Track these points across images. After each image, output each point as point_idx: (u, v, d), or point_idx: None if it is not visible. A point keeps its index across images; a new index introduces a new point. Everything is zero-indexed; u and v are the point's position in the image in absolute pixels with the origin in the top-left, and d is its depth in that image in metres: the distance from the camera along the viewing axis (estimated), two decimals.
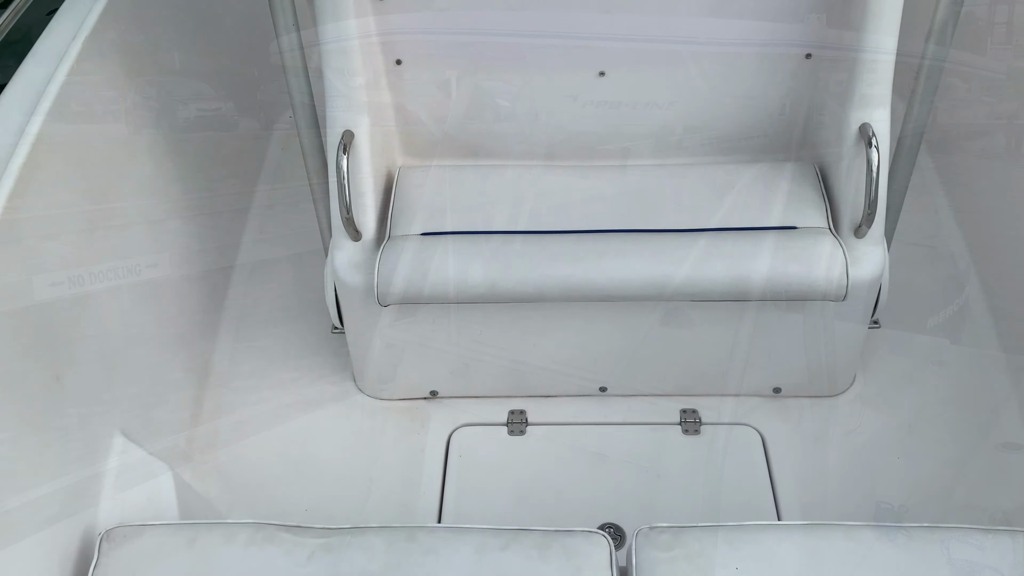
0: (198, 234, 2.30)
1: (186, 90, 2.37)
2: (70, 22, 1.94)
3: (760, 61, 1.95)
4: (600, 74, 1.98)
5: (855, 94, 1.82)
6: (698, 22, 1.89)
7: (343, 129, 1.84)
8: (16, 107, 1.72)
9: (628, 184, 2.01)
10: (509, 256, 1.82)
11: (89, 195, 1.84)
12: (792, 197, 1.94)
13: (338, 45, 1.80)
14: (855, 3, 1.78)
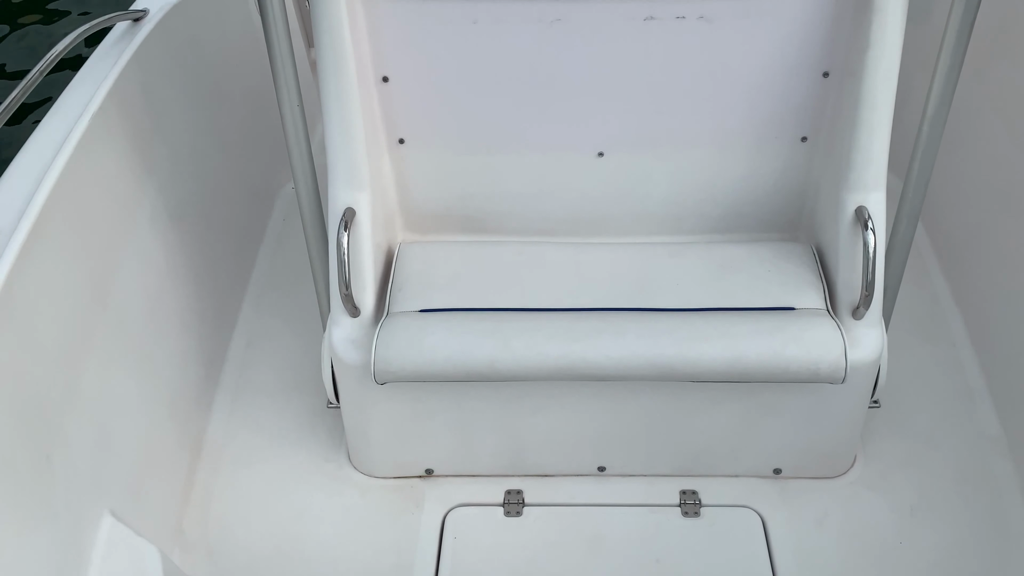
0: (197, 305, 2.30)
1: (191, 163, 2.40)
2: (78, 98, 1.97)
3: (757, 143, 1.99)
4: (599, 155, 2.01)
5: (850, 177, 1.85)
6: (695, 107, 1.93)
7: (344, 207, 1.86)
8: (20, 183, 1.74)
9: (627, 262, 2.02)
10: (507, 334, 1.82)
11: (89, 269, 1.84)
12: (790, 277, 1.95)
13: (341, 123, 1.84)
14: (849, 89, 1.82)
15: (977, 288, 2.44)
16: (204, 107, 2.49)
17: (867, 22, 1.73)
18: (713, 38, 1.82)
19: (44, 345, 1.65)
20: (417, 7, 1.80)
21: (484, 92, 1.92)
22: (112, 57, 2.11)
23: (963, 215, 2.56)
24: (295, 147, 1.78)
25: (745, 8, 1.78)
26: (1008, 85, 2.37)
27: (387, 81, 1.91)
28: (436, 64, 1.88)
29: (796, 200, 2.08)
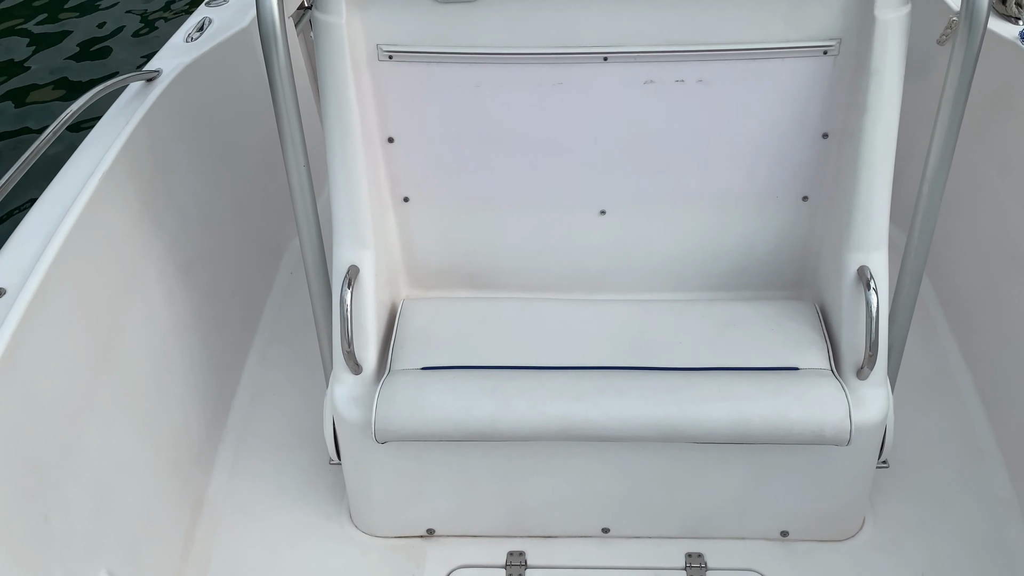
0: (202, 360, 2.31)
1: (199, 218, 2.43)
2: (89, 158, 2.01)
3: (758, 202, 1.99)
4: (601, 212, 2.02)
5: (851, 236, 1.85)
6: (695, 166, 1.94)
7: (348, 264, 1.87)
8: (29, 243, 1.77)
9: (630, 319, 2.02)
10: (509, 393, 1.81)
11: (94, 327, 1.86)
12: (793, 336, 1.94)
13: (347, 183, 1.86)
14: (848, 150, 1.84)
15: (985, 345, 2.42)
16: (214, 164, 2.53)
17: (864, 85, 1.75)
18: (712, 100, 1.85)
19: (46, 405, 1.66)
20: (422, 70, 1.83)
21: (487, 152, 1.94)
22: (124, 117, 2.16)
23: (970, 271, 2.55)
24: (301, 207, 1.80)
25: (743, 72, 1.80)
26: (1010, 143, 2.38)
27: (392, 141, 1.94)
28: (440, 125, 1.91)
29: (799, 258, 2.08)
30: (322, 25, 1.76)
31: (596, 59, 1.81)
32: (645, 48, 1.79)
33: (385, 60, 1.82)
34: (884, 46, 1.71)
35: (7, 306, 1.62)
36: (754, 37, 1.76)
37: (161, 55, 2.52)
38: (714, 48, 1.78)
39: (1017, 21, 2.47)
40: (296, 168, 1.76)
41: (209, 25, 2.70)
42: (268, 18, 1.60)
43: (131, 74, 2.28)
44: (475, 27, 1.77)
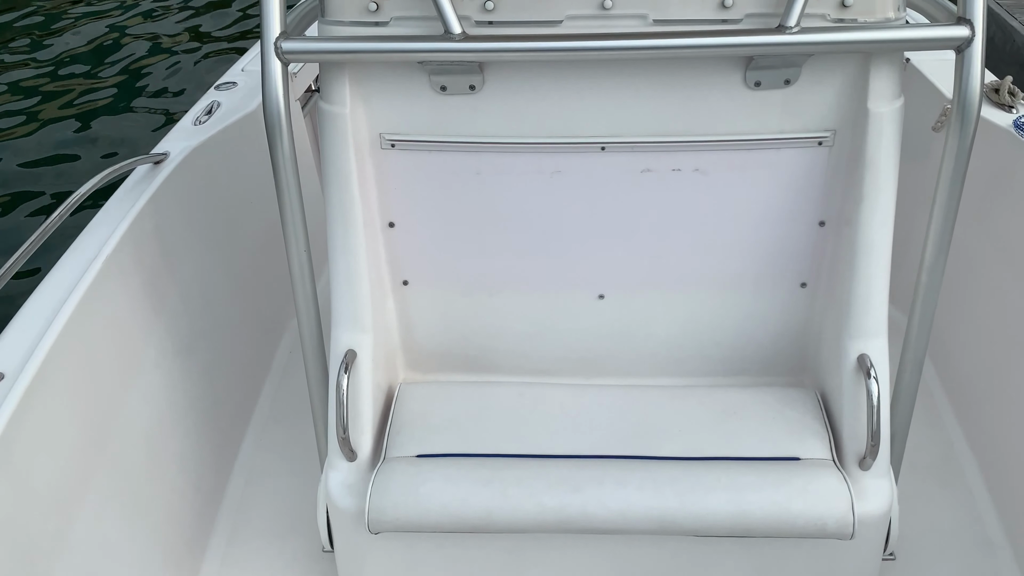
0: (197, 444, 2.29)
1: (201, 298, 2.44)
2: (92, 241, 2.04)
3: (756, 287, 2.00)
4: (600, 296, 2.03)
5: (851, 324, 1.84)
6: (693, 252, 1.96)
7: (346, 348, 1.87)
8: (29, 328, 1.77)
9: (628, 405, 2.00)
10: (506, 483, 1.79)
11: (90, 413, 1.85)
12: (794, 425, 1.92)
13: (347, 267, 1.87)
14: (846, 238, 1.85)
15: (991, 430, 2.39)
16: (218, 245, 2.55)
17: (860, 176, 1.77)
18: (709, 188, 1.87)
19: (38, 492, 1.64)
20: (423, 158, 1.87)
21: (486, 237, 1.96)
22: (130, 200, 2.19)
23: (973, 354, 2.53)
24: (300, 291, 1.81)
25: (739, 161, 1.83)
26: (1009, 228, 2.40)
27: (393, 226, 1.96)
28: (441, 210, 1.93)
29: (799, 344, 2.07)
30: (327, 115, 1.80)
31: (594, 148, 1.84)
32: (642, 138, 1.82)
33: (388, 148, 1.85)
34: (879, 138, 1.74)
35: (4, 391, 1.62)
36: (749, 128, 1.79)
37: (169, 138, 2.57)
38: (710, 139, 1.81)
39: (1011, 109, 2.52)
40: (297, 253, 1.77)
41: (217, 108, 2.76)
42: (273, 106, 1.64)
43: (139, 157, 2.32)
44: (476, 117, 1.81)
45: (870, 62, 1.70)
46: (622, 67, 1.74)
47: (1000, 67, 5.17)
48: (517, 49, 1.61)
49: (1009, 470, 2.27)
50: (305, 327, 1.84)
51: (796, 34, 1.58)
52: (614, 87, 1.76)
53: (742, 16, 1.68)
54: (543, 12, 1.69)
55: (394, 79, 1.77)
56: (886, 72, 1.71)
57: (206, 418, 2.35)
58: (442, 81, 1.76)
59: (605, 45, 1.60)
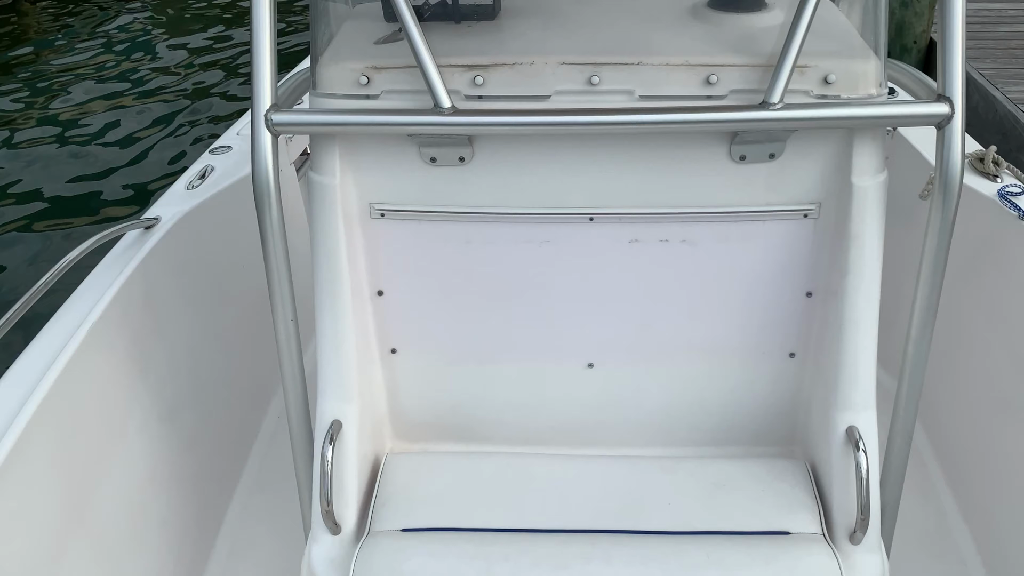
0: (180, 512, 2.25)
1: (187, 364, 2.42)
2: (79, 308, 2.03)
3: (744, 357, 2.00)
4: (588, 365, 2.02)
5: (839, 396, 1.84)
6: (681, 321, 1.96)
7: (331, 419, 1.85)
8: (9, 398, 1.75)
9: (617, 477, 1.98)
10: (492, 560, 1.75)
11: (69, 484, 1.82)
12: (784, 498, 1.90)
13: (334, 336, 1.86)
14: (832, 309, 1.85)
15: (985, 501, 2.37)
16: (206, 310, 2.55)
17: (845, 247, 1.79)
18: (696, 259, 1.88)
19: (13, 562, 1.60)
20: (413, 227, 1.88)
21: (476, 305, 1.96)
22: (118, 266, 2.19)
23: (964, 421, 2.52)
24: (287, 360, 1.80)
25: (725, 233, 1.85)
26: (996, 295, 2.41)
27: (382, 295, 1.96)
28: (430, 279, 1.94)
29: (788, 414, 2.06)
30: (316, 185, 1.81)
31: (582, 219, 1.85)
32: (630, 209, 1.83)
33: (377, 217, 1.86)
34: (863, 212, 1.76)
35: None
36: (735, 200, 1.81)
37: (161, 202, 2.58)
38: (697, 210, 1.82)
39: (995, 178, 2.55)
40: (284, 324, 1.77)
41: (211, 173, 2.78)
42: (263, 178, 1.65)
43: (129, 223, 2.33)
44: (465, 188, 1.83)
45: (853, 137, 1.73)
46: (610, 140, 1.77)
47: (984, 135, 5.27)
48: (506, 123, 1.64)
49: (1003, 541, 2.24)
50: (291, 396, 1.83)
51: (780, 110, 1.61)
52: (602, 159, 1.79)
53: (727, 92, 1.71)
54: (532, 87, 1.72)
55: (384, 150, 1.79)
56: (869, 147, 1.73)
57: (190, 486, 2.31)
58: (432, 153, 1.78)
59: (592, 120, 1.62)
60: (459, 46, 1.77)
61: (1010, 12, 6.73)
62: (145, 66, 8.79)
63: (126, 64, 8.88)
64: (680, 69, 1.70)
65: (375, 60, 1.74)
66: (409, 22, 1.63)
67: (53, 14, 10.86)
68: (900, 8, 6.11)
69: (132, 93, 8.11)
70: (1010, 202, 2.38)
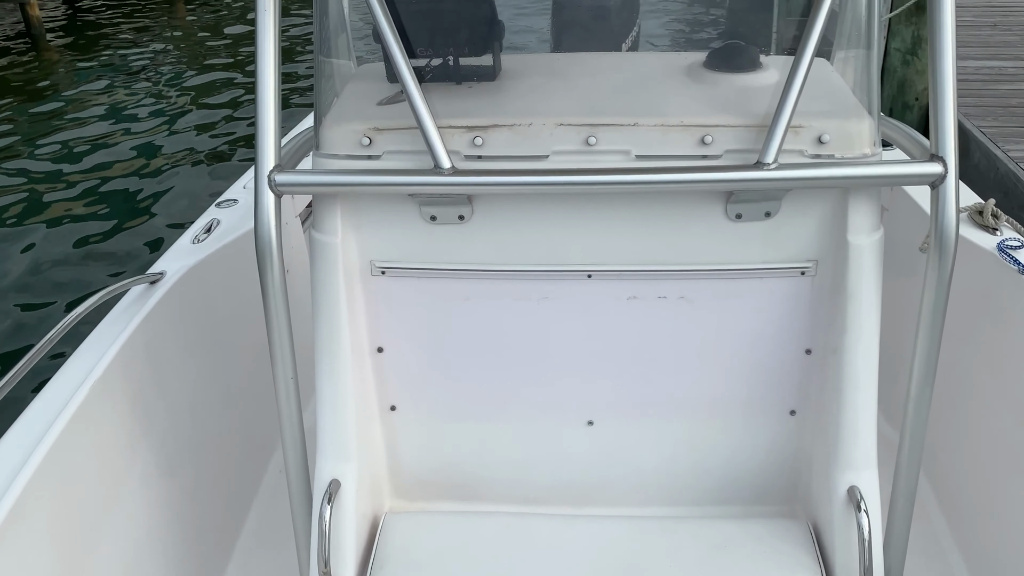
0: (178, 573, 2.23)
1: (189, 418, 2.42)
2: (81, 366, 2.04)
3: (745, 415, 1.99)
4: (588, 423, 2.02)
5: (840, 455, 1.82)
6: (681, 378, 1.95)
7: (330, 478, 1.84)
8: (9, 457, 1.75)
9: (618, 540, 1.96)
10: None
11: (67, 544, 1.81)
12: (785, 560, 1.87)
13: (333, 394, 1.87)
14: (832, 366, 1.85)
15: (993, 559, 2.32)
16: (209, 364, 2.55)
17: (843, 305, 1.79)
18: (694, 316, 1.89)
19: None
20: (413, 284, 1.89)
21: (475, 362, 1.96)
22: (122, 322, 2.20)
23: (969, 475, 2.49)
24: (287, 420, 1.79)
25: (723, 290, 1.85)
26: (997, 348, 2.40)
27: (381, 351, 1.96)
28: (430, 336, 1.94)
29: (789, 473, 2.05)
30: (318, 243, 1.83)
31: (581, 276, 1.86)
32: (628, 267, 1.85)
33: (378, 275, 1.88)
34: (859, 270, 1.76)
35: None
36: (732, 258, 1.83)
37: (167, 257, 2.60)
38: (694, 268, 1.84)
39: (995, 231, 2.55)
40: (284, 382, 1.77)
41: (217, 226, 2.80)
42: (265, 237, 1.66)
43: (134, 278, 2.35)
44: (465, 246, 1.85)
45: (848, 196, 1.75)
46: (607, 199, 1.79)
47: (986, 192, 5.30)
48: (505, 183, 1.66)
49: None
50: (290, 456, 1.82)
51: (774, 170, 1.63)
52: (600, 218, 1.81)
53: (722, 152, 1.73)
54: (530, 148, 1.75)
55: (385, 209, 1.82)
56: (865, 206, 1.75)
57: (188, 545, 2.29)
58: (432, 211, 1.81)
59: (590, 180, 1.65)
60: (460, 107, 1.81)
61: (1010, 70, 6.81)
62: (154, 118, 8.94)
63: (136, 115, 9.04)
64: (676, 130, 1.73)
65: (377, 121, 1.77)
66: (411, 84, 1.67)
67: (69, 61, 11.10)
68: (901, 66, 6.20)
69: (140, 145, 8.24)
70: (1009, 256, 2.38)
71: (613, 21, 3.89)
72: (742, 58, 1.91)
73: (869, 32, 1.84)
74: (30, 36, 12.07)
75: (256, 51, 1.61)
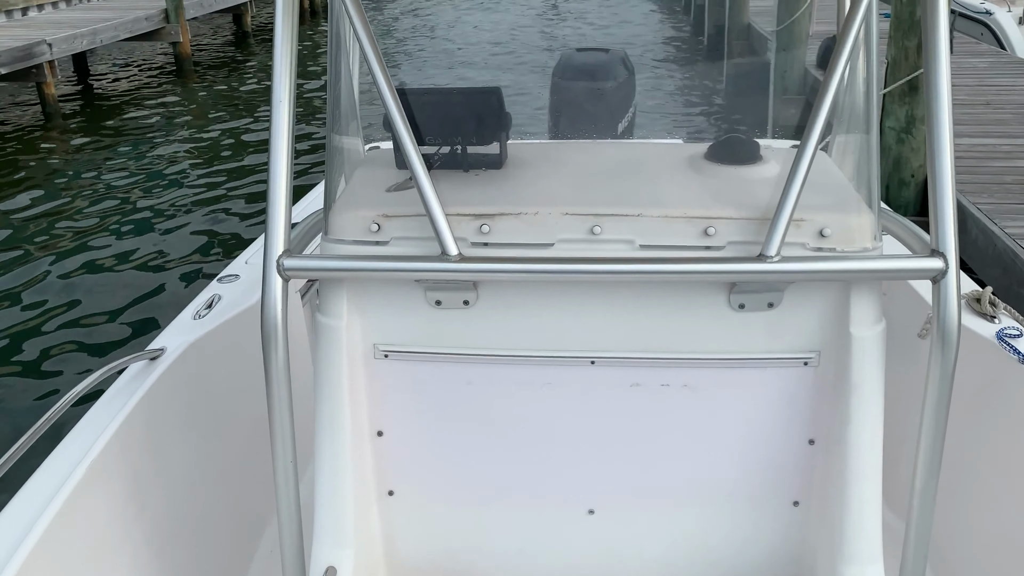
0: None
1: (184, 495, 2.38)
2: (78, 445, 2.02)
3: (747, 505, 1.97)
4: (589, 512, 1.99)
5: (844, 548, 1.80)
6: (683, 467, 1.94)
7: (326, 565, 1.81)
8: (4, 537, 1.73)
9: None
10: None
11: None
12: None
13: (331, 478, 1.85)
14: (836, 457, 1.84)
15: None
16: (205, 441, 2.53)
17: (846, 396, 1.79)
18: (697, 404, 1.88)
19: None
20: (416, 368, 1.89)
21: (476, 448, 1.95)
22: (120, 400, 2.19)
23: (975, 570, 2.45)
24: (284, 505, 1.77)
25: (727, 379, 1.85)
26: (1000, 438, 2.38)
27: (381, 435, 1.95)
28: (430, 420, 1.93)
29: (794, 565, 2.01)
30: (322, 327, 1.83)
31: (584, 362, 1.86)
32: (631, 354, 1.85)
33: (381, 358, 1.88)
34: (862, 361, 1.77)
35: None
36: (735, 348, 1.83)
37: (167, 332, 2.59)
38: (697, 356, 1.84)
39: (993, 319, 2.56)
40: (283, 466, 1.75)
41: (218, 302, 2.80)
42: (271, 321, 1.65)
43: (133, 355, 2.34)
44: (469, 330, 1.85)
45: (850, 288, 1.76)
46: (611, 287, 1.80)
47: (985, 269, 5.33)
48: (511, 270, 1.67)
49: None
50: (286, 543, 1.79)
51: (777, 263, 1.64)
52: (603, 305, 1.82)
53: (724, 243, 1.75)
54: (536, 235, 1.77)
55: (391, 294, 1.83)
56: (866, 298, 1.76)
57: None
58: (437, 296, 1.81)
59: (594, 268, 1.66)
60: (467, 195, 1.83)
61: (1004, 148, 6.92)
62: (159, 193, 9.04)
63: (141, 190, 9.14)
64: (679, 221, 1.75)
65: (386, 208, 1.79)
66: (419, 171, 1.69)
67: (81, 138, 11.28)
68: (896, 144, 6.29)
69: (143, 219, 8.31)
70: (1009, 345, 2.38)
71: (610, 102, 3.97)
72: (743, 151, 1.95)
73: (868, 121, 1.87)
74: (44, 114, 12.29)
75: (270, 141, 1.64)
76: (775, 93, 8.87)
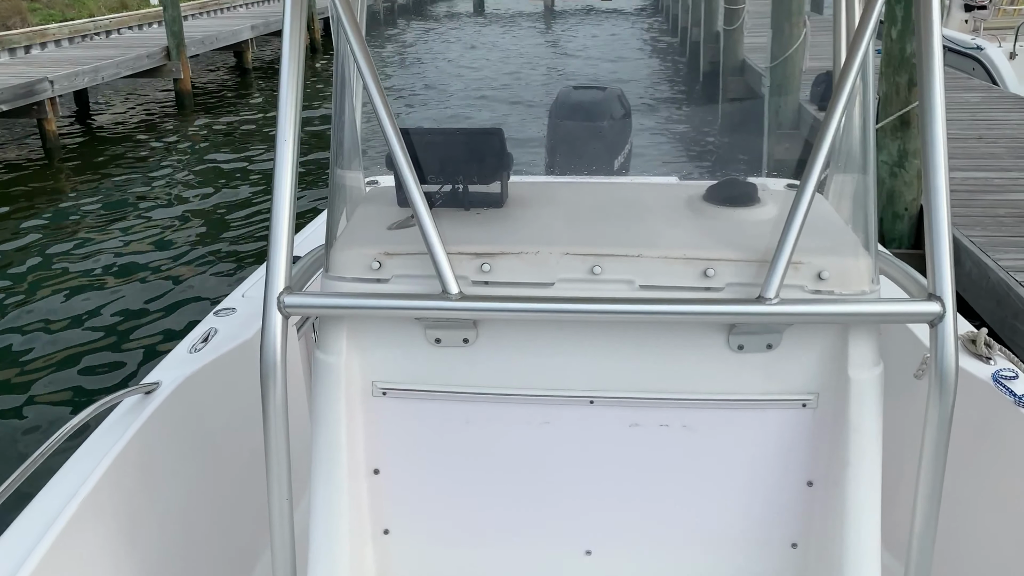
0: None
1: (177, 531, 2.36)
2: (70, 481, 2.00)
3: (746, 546, 1.95)
4: (587, 552, 1.97)
5: None
6: (681, 508, 1.93)
7: None
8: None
9: None
10: None
11: None
12: None
13: (327, 516, 1.84)
14: (834, 499, 1.83)
15: None
16: (199, 476, 2.51)
17: (845, 438, 1.79)
18: (696, 445, 1.87)
19: None
20: (414, 406, 1.88)
21: (472, 487, 1.94)
22: (114, 435, 2.18)
23: None
24: (278, 538, 1.76)
25: (725, 420, 1.85)
26: (998, 479, 2.38)
27: (378, 473, 1.94)
28: (428, 459, 1.92)
29: None
30: (321, 364, 1.83)
31: (583, 402, 1.86)
32: (630, 394, 1.85)
33: (379, 396, 1.88)
34: (860, 404, 1.77)
35: None
36: (734, 389, 1.83)
37: (163, 366, 2.58)
38: (696, 397, 1.83)
39: (989, 360, 2.56)
40: (279, 503, 1.74)
41: (214, 336, 2.79)
42: (270, 358, 1.65)
43: (128, 389, 2.33)
44: (468, 369, 1.85)
45: (848, 331, 1.76)
46: (611, 327, 1.81)
47: (979, 302, 5.35)
48: (512, 309, 1.68)
49: None
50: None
51: (775, 305, 1.65)
52: (603, 345, 1.82)
53: (723, 285, 1.76)
54: (536, 275, 1.78)
55: (390, 331, 1.83)
56: (864, 341, 1.76)
57: None
58: (437, 334, 1.82)
59: (594, 308, 1.66)
60: (468, 234, 1.84)
61: (996, 181, 6.97)
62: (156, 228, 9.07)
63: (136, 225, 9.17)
64: (678, 262, 1.76)
65: (387, 246, 1.80)
66: (421, 210, 1.70)
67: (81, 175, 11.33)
68: (890, 178, 6.34)
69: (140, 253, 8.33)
70: (1005, 387, 2.38)
71: (607, 139, 4.01)
72: (741, 193, 1.97)
73: (865, 163, 1.89)
74: (45, 150, 12.37)
75: (274, 180, 1.65)
76: (769, 129, 8.97)
